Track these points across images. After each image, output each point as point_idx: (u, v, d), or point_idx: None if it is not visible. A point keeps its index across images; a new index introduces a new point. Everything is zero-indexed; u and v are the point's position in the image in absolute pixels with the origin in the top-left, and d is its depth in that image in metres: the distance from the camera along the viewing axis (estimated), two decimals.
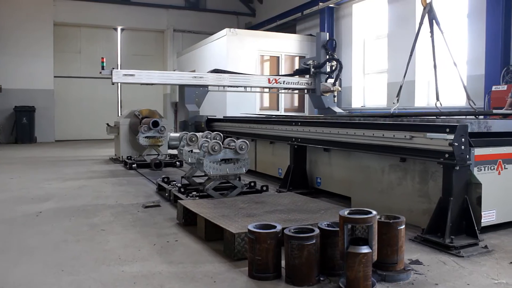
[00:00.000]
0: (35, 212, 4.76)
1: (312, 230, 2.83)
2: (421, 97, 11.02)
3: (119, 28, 17.66)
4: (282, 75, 11.08)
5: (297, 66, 13.26)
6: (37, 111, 15.44)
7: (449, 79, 9.56)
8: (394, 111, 6.61)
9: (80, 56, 17.21)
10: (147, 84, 9.06)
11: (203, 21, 18.26)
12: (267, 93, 12.50)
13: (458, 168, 3.57)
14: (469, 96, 6.17)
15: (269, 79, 9.89)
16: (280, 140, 6.24)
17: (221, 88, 9.63)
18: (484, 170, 3.82)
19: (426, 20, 6.43)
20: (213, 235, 3.68)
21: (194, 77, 9.27)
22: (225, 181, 4.94)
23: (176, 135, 10.39)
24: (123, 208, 4.93)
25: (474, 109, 6.11)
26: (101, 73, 8.50)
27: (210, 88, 9.49)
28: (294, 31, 15.89)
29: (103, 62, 8.52)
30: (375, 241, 2.63)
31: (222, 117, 8.94)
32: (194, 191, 5.05)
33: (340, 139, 4.85)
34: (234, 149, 4.85)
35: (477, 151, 3.75)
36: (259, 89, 10.54)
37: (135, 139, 8.88)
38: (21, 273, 3.02)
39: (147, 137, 8.51)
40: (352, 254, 2.58)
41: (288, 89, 10.56)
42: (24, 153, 11.68)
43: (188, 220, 4.17)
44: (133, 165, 8.25)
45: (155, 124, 8.49)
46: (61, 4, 16.25)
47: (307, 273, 2.76)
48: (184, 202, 4.28)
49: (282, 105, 13.66)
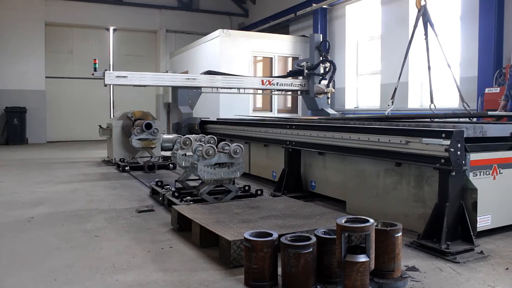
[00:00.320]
0: (27, 217, 4.70)
1: (309, 238, 2.80)
2: (414, 99, 11.04)
3: (111, 29, 17.53)
4: (276, 76, 11.06)
5: (291, 67, 13.26)
6: (28, 112, 15.29)
7: (442, 81, 9.59)
8: (389, 113, 6.60)
9: (72, 57, 17.06)
10: (139, 86, 9.01)
11: (196, 22, 18.19)
12: (260, 94, 12.48)
13: (454, 173, 3.56)
14: (463, 98, 6.18)
15: (262, 81, 9.88)
16: (274, 143, 6.21)
17: (214, 90, 9.60)
18: (480, 175, 3.81)
19: (420, 22, 6.43)
20: (208, 242, 3.65)
21: (187, 78, 9.23)
22: (219, 185, 4.91)
23: (170, 136, 10.33)
24: (116, 213, 4.88)
25: (469, 111, 6.12)
26: (93, 74, 8.44)
27: (203, 90, 9.45)
28: (287, 32, 15.87)
29: (95, 64, 8.46)
30: (372, 249, 2.61)
31: (215, 119, 8.90)
32: (188, 196, 5.02)
33: (335, 143, 4.83)
34: (228, 153, 4.82)
35: (473, 156, 3.75)
36: (252, 91, 10.51)
37: (128, 141, 8.81)
38: (12, 282, 2.97)
39: (140, 139, 8.45)
40: (349, 263, 2.56)
41: (282, 90, 10.55)
42: (15, 155, 11.57)
43: (183, 225, 4.13)
44: (126, 168, 8.18)
45: (148, 126, 8.43)
46: (53, 4, 16.11)
47: (304, 281, 2.73)
48: (179, 207, 4.24)
49: (275, 106, 13.64)
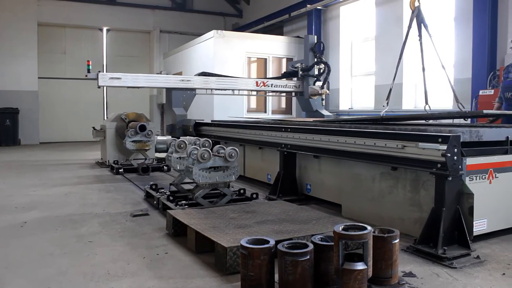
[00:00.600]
0: (20, 222, 4.64)
1: (306, 245, 2.78)
2: (409, 100, 11.05)
3: (104, 29, 17.43)
4: (270, 78, 11.04)
5: (285, 68, 13.25)
6: (21, 112, 15.17)
7: (436, 82, 9.60)
8: (384, 114, 6.57)
9: (65, 57, 16.95)
10: (133, 88, 8.96)
11: (190, 22, 18.13)
12: (254, 95, 12.45)
13: (450, 178, 3.55)
14: (457, 98, 6.17)
15: (257, 82, 9.85)
16: (269, 146, 6.19)
17: (208, 91, 9.56)
18: (476, 179, 3.81)
19: (414, 23, 6.42)
20: (203, 247, 3.62)
21: (182, 80, 9.19)
22: (214, 188, 4.88)
23: (164, 138, 10.32)
24: (110, 217, 4.84)
25: (464, 111, 6.12)
26: (87, 76, 8.38)
27: (197, 91, 9.42)
28: (281, 32, 15.86)
29: (89, 66, 8.40)
30: (370, 257, 2.59)
31: (210, 121, 8.87)
32: (183, 200, 4.99)
33: (331, 146, 4.82)
34: (223, 157, 4.80)
35: (469, 161, 3.74)
36: (246, 92, 10.48)
37: (121, 143, 8.76)
38: None
39: (134, 141, 8.40)
40: (347, 271, 2.54)
41: (276, 92, 10.53)
42: (7, 156, 11.47)
43: (178, 230, 4.09)
44: (120, 170, 8.13)
45: (142, 128, 8.39)
46: (45, 4, 15.99)
47: None
48: (174, 212, 4.21)
49: (269, 107, 13.63)
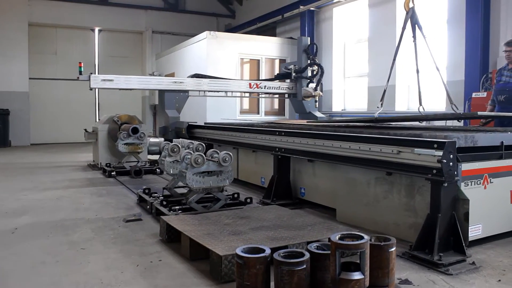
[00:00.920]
0: (11, 228, 4.57)
1: (302, 254, 2.75)
2: (402, 102, 11.07)
3: (96, 29, 17.30)
4: (263, 79, 11.00)
5: (278, 69, 13.22)
6: (11, 113, 15.01)
7: (429, 84, 9.61)
8: (379, 115, 6.54)
9: (56, 58, 16.80)
10: (125, 89, 8.89)
11: (182, 23, 18.05)
12: (247, 97, 12.41)
13: (446, 184, 3.54)
14: (451, 99, 6.16)
15: (250, 84, 9.81)
16: (263, 149, 6.15)
17: (201, 93, 9.51)
18: (471, 185, 3.80)
19: (408, 25, 6.41)
20: (198, 254, 3.58)
21: (174, 82, 9.13)
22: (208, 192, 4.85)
23: (156, 140, 10.29)
24: (103, 223, 4.78)
25: (458, 113, 6.12)
26: (78, 78, 8.29)
27: (190, 93, 9.36)
28: (274, 33, 15.83)
29: (80, 67, 8.30)
30: (367, 266, 2.57)
31: (203, 123, 8.82)
32: (177, 204, 4.94)
33: (326, 151, 4.79)
34: (217, 162, 4.76)
35: (464, 166, 3.73)
36: (239, 94, 10.44)
37: (114, 145, 8.69)
38: None
39: (126, 144, 8.34)
40: (344, 281, 2.52)
41: (269, 93, 10.49)
42: None
43: (172, 236, 4.05)
44: (112, 173, 8.05)
45: (135, 130, 8.32)
46: (36, 4, 15.84)
47: None
48: (167, 218, 4.16)
49: (262, 109, 13.59)
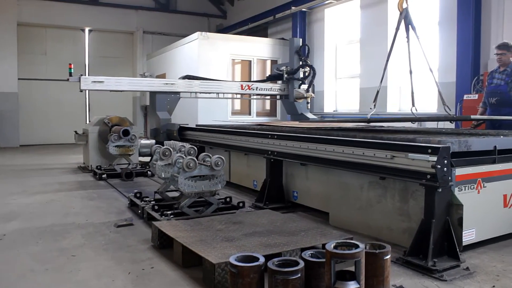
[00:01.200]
0: None
1: (297, 263, 2.71)
2: (393, 103, 11.09)
3: (86, 29, 17.15)
4: (255, 81, 10.96)
5: (269, 70, 13.19)
6: (0, 114, 14.86)
7: (420, 85, 9.62)
8: (371, 116, 6.52)
9: (46, 58, 16.62)
10: (116, 91, 8.80)
11: (174, 23, 17.96)
12: (239, 99, 12.37)
13: (440, 190, 3.53)
14: (444, 101, 6.15)
15: (242, 86, 9.76)
16: (255, 152, 6.10)
17: (193, 95, 9.45)
18: (465, 189, 3.79)
19: (402, 26, 6.38)
20: (190, 261, 3.53)
21: (165, 83, 9.06)
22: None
23: (147, 142, 10.16)
24: (94, 228, 4.71)
25: (452, 115, 6.11)
26: (68, 80, 8.19)
27: (181, 95, 9.29)
28: (265, 34, 15.81)
29: (70, 69, 8.20)
30: (362, 275, 2.54)
31: (195, 125, 8.76)
32: (169, 209, 4.90)
33: (319, 155, 4.76)
34: (209, 166, 4.72)
35: (458, 171, 3.72)
36: (231, 95, 10.40)
37: (104, 147, 8.60)
38: None
39: (117, 146, 8.26)
40: None
41: (261, 95, 10.46)
42: None
43: (164, 243, 4.00)
44: (103, 176, 7.97)
45: (126, 133, 8.24)
46: (25, 4, 15.66)
47: None
48: (159, 224, 4.11)
49: (254, 110, 13.56)
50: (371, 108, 6.40)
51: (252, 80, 12.70)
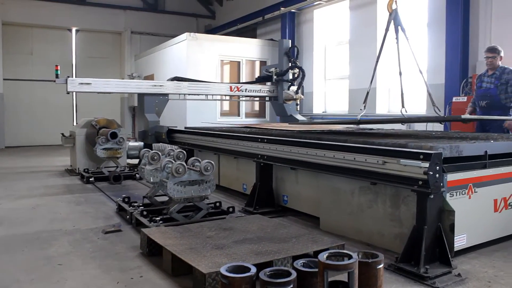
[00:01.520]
0: None
1: (289, 273, 2.66)
2: (382, 105, 11.09)
3: (73, 29, 16.95)
4: (244, 82, 10.91)
5: (258, 71, 13.15)
6: None
7: (409, 87, 9.63)
8: (362, 117, 6.50)
9: (32, 58, 16.40)
10: (104, 93, 8.70)
11: (162, 23, 17.84)
12: (228, 100, 12.31)
13: (432, 196, 3.50)
14: (433, 102, 6.16)
15: (231, 87, 9.70)
16: (245, 156, 6.04)
17: (181, 96, 9.37)
18: (456, 195, 3.78)
19: (391, 27, 6.37)
20: (180, 270, 3.46)
21: (154, 85, 8.96)
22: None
23: (136, 144, 10.10)
24: (81, 235, 4.63)
25: (442, 116, 6.12)
26: (55, 81, 8.07)
27: (170, 96, 9.21)
28: (254, 35, 15.76)
29: (57, 70, 8.08)
30: (356, 286, 2.51)
31: (183, 127, 8.68)
32: (157, 214, 4.83)
33: (309, 159, 4.71)
34: (199, 171, 4.66)
35: (450, 177, 3.70)
36: (220, 97, 10.33)
37: (92, 150, 8.49)
38: None
39: (105, 149, 8.16)
40: None
41: (250, 96, 10.41)
42: None
43: (153, 250, 3.93)
44: (90, 179, 7.86)
45: (113, 135, 8.15)
46: (11, 3, 15.43)
47: None
48: (148, 231, 4.04)
49: (243, 111, 13.50)
50: (361, 109, 6.40)
51: (241, 81, 12.64)
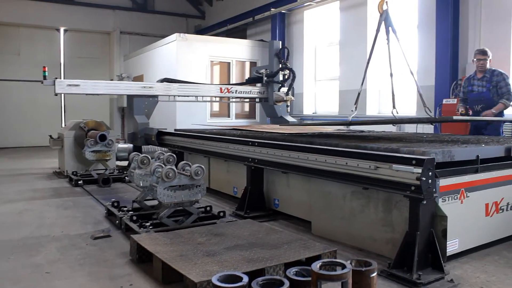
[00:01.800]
0: None
1: (282, 283, 2.63)
2: (373, 106, 11.10)
3: (62, 29, 16.74)
4: (234, 84, 10.85)
5: (248, 71, 13.10)
6: None
7: (399, 88, 9.63)
8: (353, 119, 6.48)
9: (19, 58, 16.19)
10: (92, 95, 8.59)
11: (151, 23, 17.70)
12: (218, 102, 12.24)
13: (425, 202, 3.48)
14: (424, 102, 6.15)
15: (221, 89, 9.64)
16: (235, 159, 5.99)
17: (171, 98, 9.29)
18: (448, 200, 3.76)
19: (382, 27, 6.34)
20: (171, 277, 3.40)
21: (143, 87, 8.87)
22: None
23: (125, 146, 10.00)
24: (69, 241, 4.55)
25: (434, 117, 6.11)
26: (43, 83, 7.96)
27: (160, 98, 9.13)
28: (244, 35, 15.71)
29: (45, 72, 7.95)
30: None
31: (173, 129, 8.61)
32: (147, 219, 4.76)
33: (300, 163, 4.68)
34: (189, 175, 4.60)
35: (442, 182, 3.69)
36: (210, 98, 10.27)
37: (80, 152, 8.37)
38: None
39: (93, 151, 8.06)
40: None
41: (240, 98, 10.36)
42: None
43: (143, 257, 3.87)
44: (79, 182, 7.75)
45: (102, 138, 8.05)
46: None
47: None
48: (137, 237, 3.98)
49: (233, 112, 13.44)
50: (352, 111, 6.36)
51: (231, 82, 12.58)
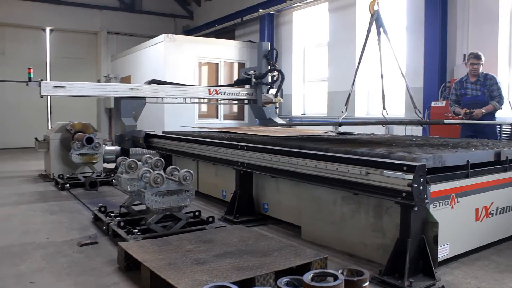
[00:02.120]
0: None
1: None
2: (361, 107, 11.11)
3: (47, 29, 16.53)
4: (223, 85, 10.78)
5: (237, 72, 13.04)
6: None
7: (389, 90, 9.63)
8: (343, 120, 6.46)
9: (4, 58, 15.93)
10: (79, 97, 8.47)
11: (139, 23, 17.56)
12: (206, 103, 12.16)
13: (416, 208, 3.46)
14: (415, 104, 6.15)
15: (209, 90, 9.57)
16: (224, 163, 5.93)
17: (159, 100, 9.20)
18: (439, 206, 3.75)
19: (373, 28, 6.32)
20: (159, 287, 3.34)
21: (131, 88, 8.77)
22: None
23: (112, 148, 9.88)
24: (55, 248, 4.45)
25: (424, 119, 6.11)
26: (28, 85, 7.83)
27: (148, 100, 9.04)
28: (233, 36, 15.64)
29: (30, 73, 7.82)
30: None
31: (161, 132, 8.52)
32: (135, 225, 4.68)
33: (290, 168, 4.64)
34: (178, 181, 4.54)
35: (433, 188, 3.67)
36: (198, 100, 10.19)
37: (67, 155, 8.24)
38: None
39: (80, 154, 7.94)
40: None
41: (229, 99, 10.30)
42: None
43: (130, 264, 3.79)
44: (65, 185, 7.63)
45: (89, 140, 7.93)
46: None
47: None
48: (125, 245, 3.90)
49: (221, 113, 13.36)
50: (342, 112, 6.34)
51: (219, 83, 12.52)
